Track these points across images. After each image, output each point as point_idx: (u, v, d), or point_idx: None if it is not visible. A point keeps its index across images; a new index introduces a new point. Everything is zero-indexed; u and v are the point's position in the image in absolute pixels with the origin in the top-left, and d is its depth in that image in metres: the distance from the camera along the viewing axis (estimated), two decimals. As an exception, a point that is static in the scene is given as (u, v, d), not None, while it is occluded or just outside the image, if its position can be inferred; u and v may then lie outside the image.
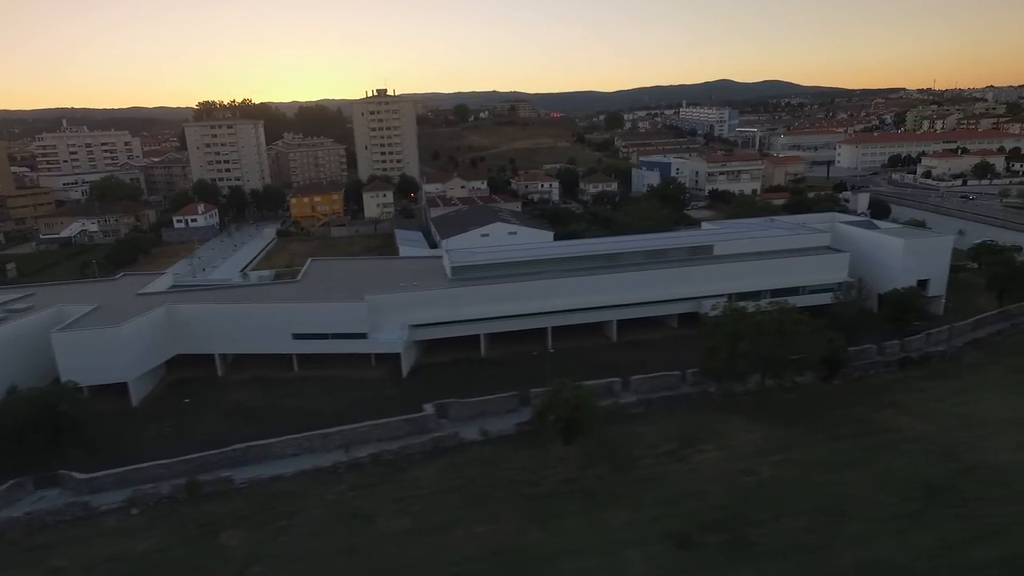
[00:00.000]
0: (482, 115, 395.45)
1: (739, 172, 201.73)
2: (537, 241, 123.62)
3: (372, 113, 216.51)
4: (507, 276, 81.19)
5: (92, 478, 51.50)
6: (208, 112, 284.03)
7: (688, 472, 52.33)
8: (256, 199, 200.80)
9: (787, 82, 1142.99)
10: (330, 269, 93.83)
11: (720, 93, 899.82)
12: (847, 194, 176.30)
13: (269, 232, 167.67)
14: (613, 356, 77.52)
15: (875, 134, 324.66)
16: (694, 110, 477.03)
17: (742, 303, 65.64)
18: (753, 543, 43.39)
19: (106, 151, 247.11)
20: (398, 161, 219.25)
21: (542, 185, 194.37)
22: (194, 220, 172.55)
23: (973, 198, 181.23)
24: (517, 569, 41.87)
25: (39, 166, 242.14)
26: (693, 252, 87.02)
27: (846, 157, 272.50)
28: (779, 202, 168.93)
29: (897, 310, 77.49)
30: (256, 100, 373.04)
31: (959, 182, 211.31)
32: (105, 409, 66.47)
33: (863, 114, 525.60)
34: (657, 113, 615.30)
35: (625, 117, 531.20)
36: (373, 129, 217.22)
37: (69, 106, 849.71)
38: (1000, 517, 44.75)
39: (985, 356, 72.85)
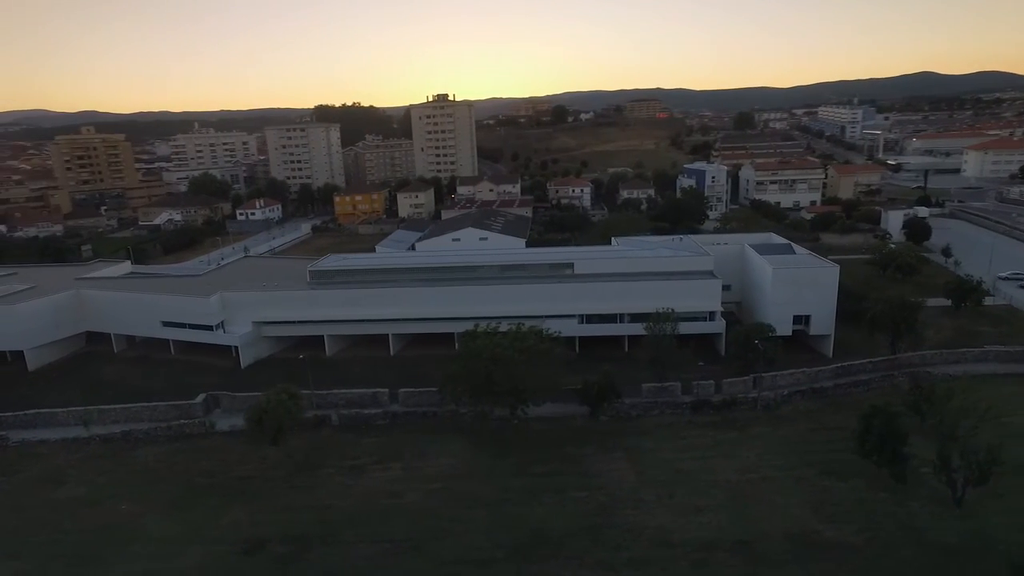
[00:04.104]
0: (583, 116, 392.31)
1: (793, 181, 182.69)
2: (507, 247, 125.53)
3: (428, 117, 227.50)
4: (359, 283, 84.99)
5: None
6: (322, 114, 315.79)
7: (344, 487, 53.59)
8: (321, 196, 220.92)
9: (1007, 72, 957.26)
10: (250, 266, 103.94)
11: (919, 87, 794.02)
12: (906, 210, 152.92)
13: (307, 227, 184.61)
14: (447, 368, 78.15)
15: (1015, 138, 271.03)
16: (830, 109, 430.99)
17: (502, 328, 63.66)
18: (308, 562, 44.42)
19: (227, 150, 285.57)
20: (451, 163, 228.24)
21: (572, 190, 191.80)
22: (252, 214, 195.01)
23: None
24: (99, 545, 47.00)
25: (173, 162, 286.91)
26: (553, 269, 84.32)
27: (973, 165, 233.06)
28: (808, 216, 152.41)
29: (739, 347, 69.53)
30: (379, 104, 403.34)
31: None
32: (5, 373, 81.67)
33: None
34: (815, 110, 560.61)
35: (757, 117, 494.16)
36: (429, 132, 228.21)
37: (268, 106, 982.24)
38: (562, 581, 41.19)
39: (808, 408, 63.39)
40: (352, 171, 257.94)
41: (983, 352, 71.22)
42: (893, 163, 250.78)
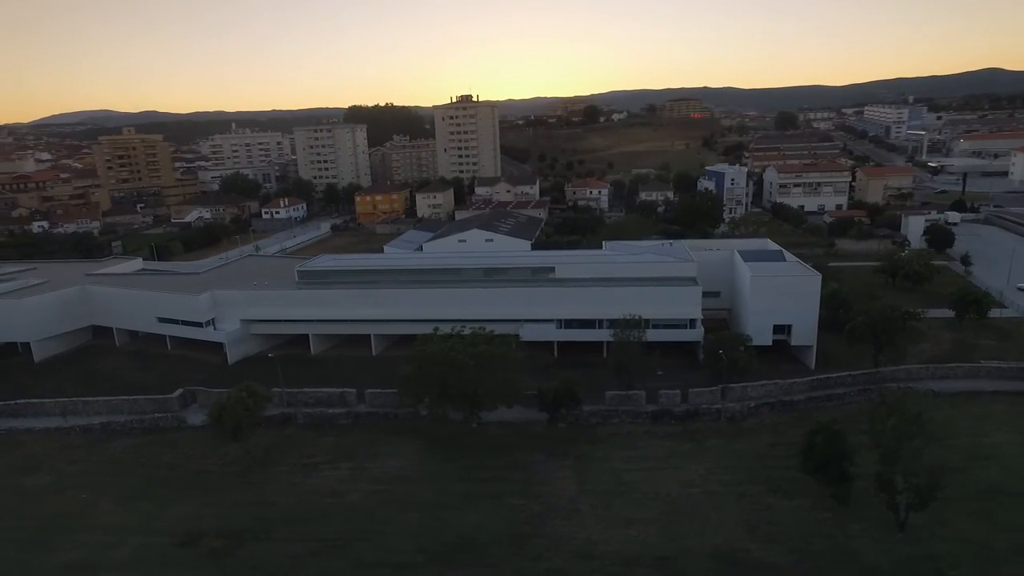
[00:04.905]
0: (615, 116, 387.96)
1: (819, 184, 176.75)
2: (512, 249, 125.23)
3: (451, 118, 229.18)
4: (343, 284, 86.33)
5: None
6: (353, 114, 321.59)
7: (292, 485, 54.61)
8: (345, 196, 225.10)
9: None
10: (253, 264, 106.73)
11: (983, 85, 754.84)
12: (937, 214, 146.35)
13: (327, 227, 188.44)
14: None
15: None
16: (876, 109, 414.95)
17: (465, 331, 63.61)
18: (236, 558, 45.53)
19: (261, 149, 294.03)
20: (473, 164, 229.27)
21: (590, 192, 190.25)
22: (277, 212, 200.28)
23: None
24: (49, 531, 49.21)
25: (211, 161, 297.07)
26: (534, 273, 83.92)
27: (1021, 167, 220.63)
28: (828, 220, 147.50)
29: (713, 356, 67.78)
30: (413, 104, 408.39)
31: None
32: (13, 363, 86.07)
33: None
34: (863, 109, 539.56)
35: (802, 117, 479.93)
36: (452, 133, 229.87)
37: (317, 106, 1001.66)
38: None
39: (775, 422, 61.33)
40: (379, 171, 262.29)
41: (975, 368, 67.63)
42: (934, 165, 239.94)
